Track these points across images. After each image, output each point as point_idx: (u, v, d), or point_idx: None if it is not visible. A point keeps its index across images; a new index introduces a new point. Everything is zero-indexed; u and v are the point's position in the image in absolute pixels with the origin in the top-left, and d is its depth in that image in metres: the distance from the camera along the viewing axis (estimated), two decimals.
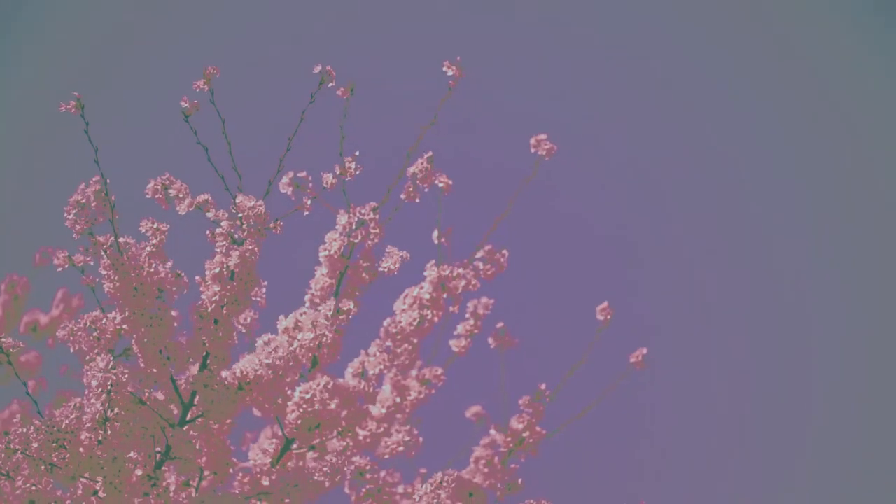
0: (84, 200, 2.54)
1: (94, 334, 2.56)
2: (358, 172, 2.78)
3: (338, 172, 2.77)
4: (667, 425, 6.24)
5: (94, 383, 2.48)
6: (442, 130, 2.92)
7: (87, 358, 2.55)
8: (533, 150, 3.12)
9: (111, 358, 2.50)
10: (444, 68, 2.91)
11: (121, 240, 2.56)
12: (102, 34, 6.48)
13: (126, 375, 2.49)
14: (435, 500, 2.69)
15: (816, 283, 6.57)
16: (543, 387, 3.27)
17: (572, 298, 5.94)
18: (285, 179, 2.72)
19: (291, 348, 2.63)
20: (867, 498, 5.94)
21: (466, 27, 6.49)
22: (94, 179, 2.54)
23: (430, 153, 2.93)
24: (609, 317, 3.29)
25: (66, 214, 2.54)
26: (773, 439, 6.24)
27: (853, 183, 6.54)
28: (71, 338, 2.55)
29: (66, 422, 2.48)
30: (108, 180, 2.55)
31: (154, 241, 2.58)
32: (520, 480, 3.17)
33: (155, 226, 2.59)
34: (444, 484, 2.65)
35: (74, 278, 2.63)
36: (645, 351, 3.32)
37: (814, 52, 6.49)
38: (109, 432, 2.50)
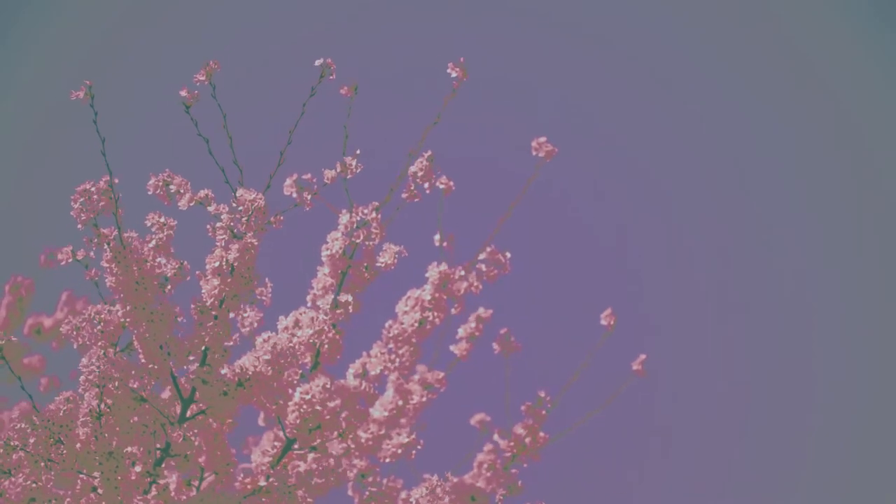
0: (91, 190, 2.53)
1: (98, 327, 2.54)
2: (359, 171, 2.78)
3: (339, 170, 2.77)
4: (669, 428, 6.25)
5: (81, 378, 2.48)
6: (445, 131, 2.93)
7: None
8: (534, 153, 3.13)
9: (101, 352, 2.49)
10: (449, 70, 2.92)
11: (124, 234, 2.55)
12: (102, 34, 6.49)
13: (116, 368, 2.48)
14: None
15: (817, 283, 6.57)
16: (543, 393, 3.28)
17: (575, 302, 5.94)
18: (289, 182, 2.72)
19: (290, 344, 2.62)
20: (867, 498, 5.94)
21: (470, 28, 6.50)
22: (103, 180, 2.54)
23: (430, 152, 2.94)
24: (613, 322, 3.29)
25: (72, 203, 2.53)
26: (774, 442, 6.24)
27: (853, 183, 6.55)
28: (74, 332, 2.53)
29: (59, 414, 2.48)
30: (114, 178, 2.55)
31: (160, 236, 2.57)
32: (519, 483, 3.18)
33: (162, 220, 2.59)
34: (439, 490, 2.63)
35: (79, 281, 2.63)
36: (645, 357, 3.32)
37: (814, 52, 6.50)
38: (104, 426, 2.50)
